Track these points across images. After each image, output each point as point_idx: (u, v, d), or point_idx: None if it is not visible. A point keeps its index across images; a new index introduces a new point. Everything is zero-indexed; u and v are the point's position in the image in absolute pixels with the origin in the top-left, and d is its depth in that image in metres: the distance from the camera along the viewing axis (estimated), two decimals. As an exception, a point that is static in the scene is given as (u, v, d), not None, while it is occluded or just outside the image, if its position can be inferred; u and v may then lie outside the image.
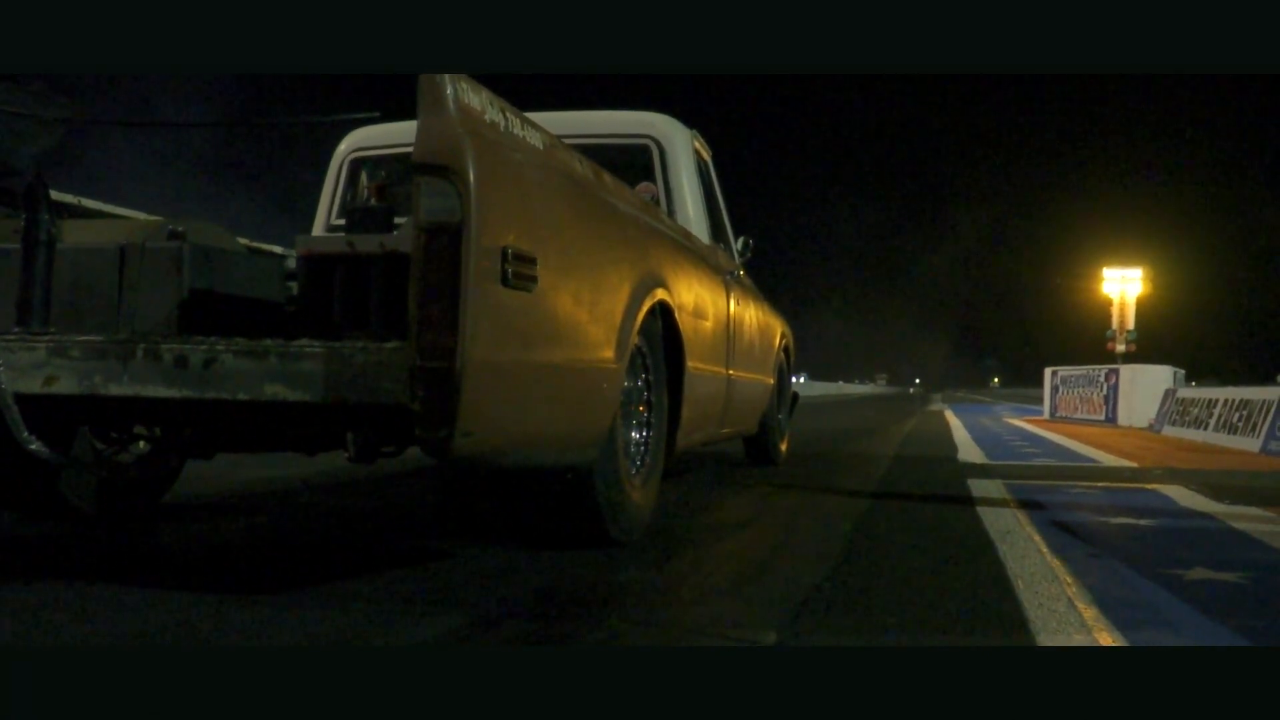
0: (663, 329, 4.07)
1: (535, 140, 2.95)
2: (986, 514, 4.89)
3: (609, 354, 3.30)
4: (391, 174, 5.26)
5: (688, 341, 4.32)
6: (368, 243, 3.25)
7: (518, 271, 2.60)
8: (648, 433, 4.08)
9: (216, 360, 2.65)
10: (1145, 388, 16.65)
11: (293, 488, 5.54)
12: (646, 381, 4.04)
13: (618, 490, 3.58)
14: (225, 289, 3.35)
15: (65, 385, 2.74)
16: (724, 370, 5.27)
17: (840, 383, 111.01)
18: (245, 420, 2.98)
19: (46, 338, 2.81)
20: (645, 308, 3.66)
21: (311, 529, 4.35)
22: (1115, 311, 36.03)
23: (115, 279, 3.24)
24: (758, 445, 7.42)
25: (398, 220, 4.11)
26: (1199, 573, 3.46)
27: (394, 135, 5.33)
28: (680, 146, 5.36)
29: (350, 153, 5.56)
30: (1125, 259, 37.88)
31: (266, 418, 2.95)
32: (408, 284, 2.47)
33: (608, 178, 3.62)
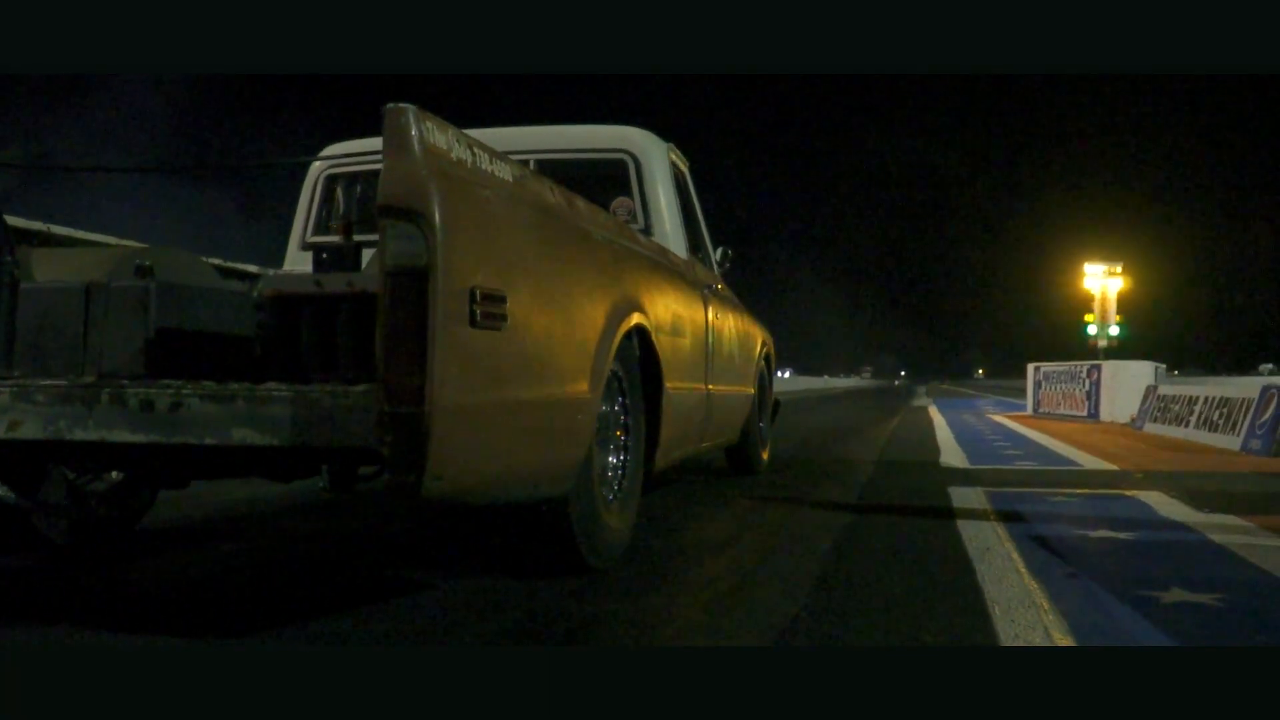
0: (640, 351, 4.07)
1: (504, 174, 2.91)
2: (966, 528, 4.89)
3: (583, 385, 3.28)
4: (366, 190, 5.34)
5: (665, 362, 4.32)
6: (335, 281, 3.19)
7: (487, 311, 2.57)
8: (624, 456, 4.07)
9: (183, 405, 2.61)
10: (1127, 384, 16.70)
11: (271, 509, 5.50)
12: (624, 405, 4.03)
13: (593, 519, 3.56)
14: (193, 326, 3.28)
15: (30, 430, 2.70)
16: (703, 386, 5.27)
17: (825, 377, 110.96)
18: (215, 460, 2.94)
19: (10, 382, 2.77)
20: (621, 333, 3.65)
21: (285, 560, 4.32)
22: (1097, 306, 36.20)
23: (81, 319, 3.18)
24: (739, 455, 7.40)
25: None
26: (1176, 594, 3.46)
27: (369, 149, 5.08)
28: (656, 160, 5.30)
29: (325, 169, 5.47)
30: (1107, 253, 38.04)
31: (235, 459, 2.92)
32: (375, 326, 2.45)
33: (581, 204, 3.59)
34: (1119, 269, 37.08)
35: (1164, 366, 18.52)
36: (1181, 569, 3.92)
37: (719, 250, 6.38)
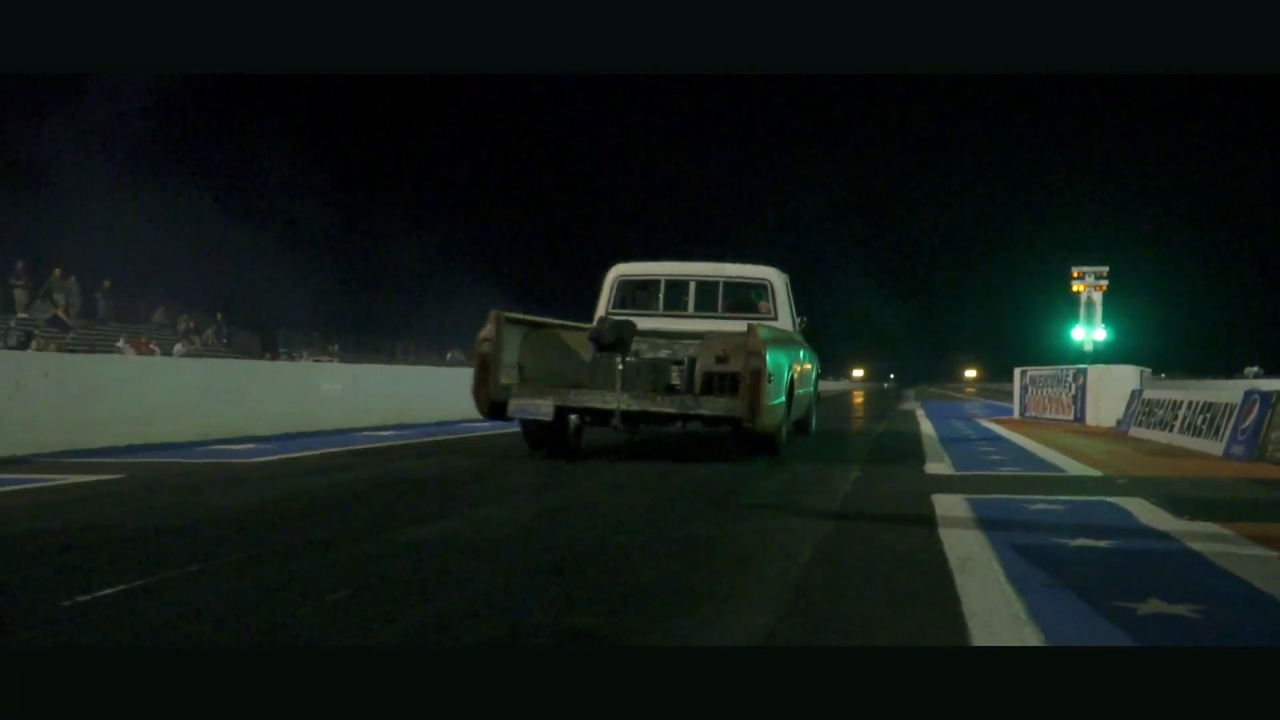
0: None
1: (786, 331, 10.28)
2: (948, 536, 4.91)
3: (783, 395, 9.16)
4: (638, 287, 11.18)
5: (795, 380, 9.89)
6: (726, 365, 9.10)
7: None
8: (789, 405, 9.58)
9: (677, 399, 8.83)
10: (1112, 388, 16.78)
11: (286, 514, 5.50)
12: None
13: (781, 435, 9.41)
14: (653, 371, 9.25)
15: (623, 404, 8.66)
16: (794, 390, 9.97)
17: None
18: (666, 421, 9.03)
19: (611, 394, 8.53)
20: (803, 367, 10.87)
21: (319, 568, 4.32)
22: (1083, 310, 36.39)
23: (618, 371, 8.85)
24: (803, 424, 12.15)
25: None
26: (1153, 605, 3.49)
27: (641, 270, 11.31)
28: (779, 283, 10.99)
29: (617, 277, 11.06)
30: (1095, 257, 38.25)
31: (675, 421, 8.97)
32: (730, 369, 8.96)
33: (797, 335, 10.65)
34: (1105, 272, 37.26)
35: (1149, 370, 18.60)
36: (1160, 579, 3.95)
37: (801, 319, 11.65)
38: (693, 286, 10.98)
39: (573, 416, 9.32)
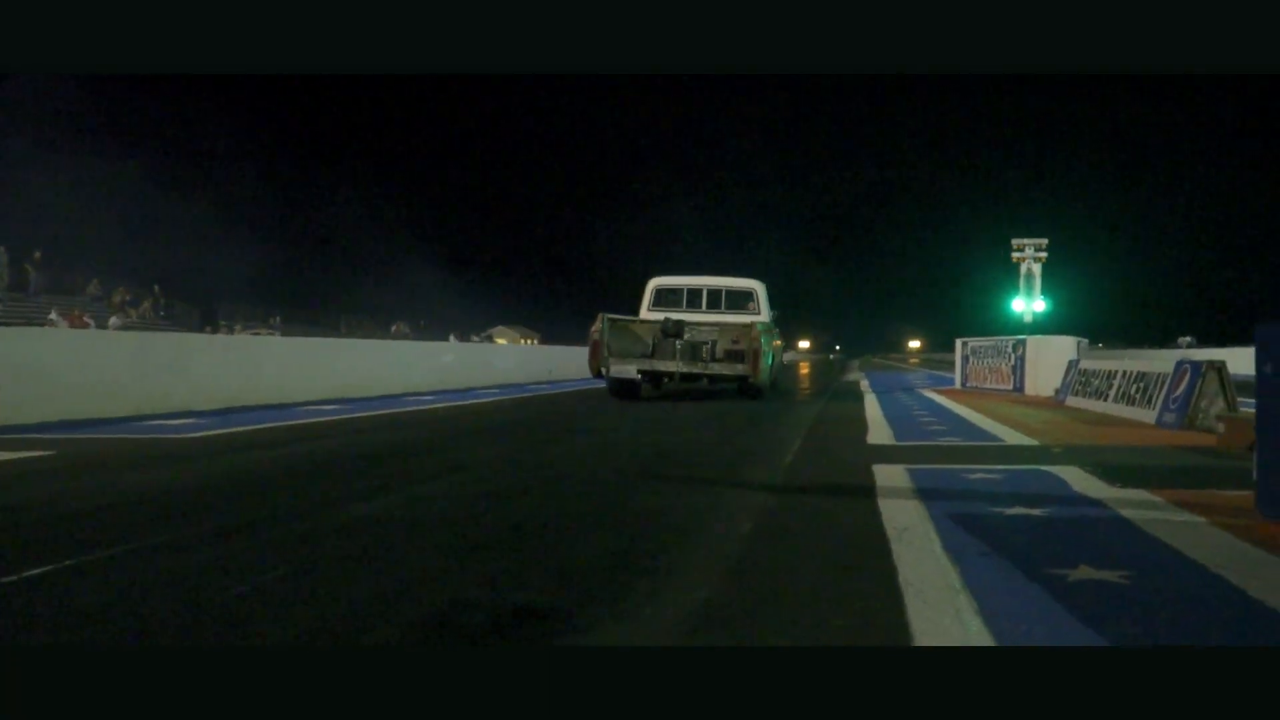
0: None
1: (771, 327, 16.38)
2: (887, 507, 4.97)
3: (769, 363, 15.60)
4: (669, 292, 16.69)
5: (774, 353, 16.36)
6: (738, 342, 15.26)
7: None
8: (771, 369, 15.94)
9: (708, 365, 15.17)
10: (1050, 358, 17.05)
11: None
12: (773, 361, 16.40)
13: (768, 384, 15.73)
14: (694, 348, 15.46)
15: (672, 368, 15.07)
16: (771, 357, 15.66)
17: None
18: (710, 379, 15.36)
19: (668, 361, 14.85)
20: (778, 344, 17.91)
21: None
22: (1023, 281, 36.93)
23: (675, 346, 15.20)
24: (773, 384, 16.64)
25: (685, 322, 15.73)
26: (1083, 572, 3.55)
27: (671, 282, 16.88)
28: (760, 290, 16.65)
29: (655, 286, 16.72)
30: (1036, 228, 38.81)
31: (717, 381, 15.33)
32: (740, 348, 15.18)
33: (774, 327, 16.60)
34: (1044, 244, 37.83)
35: (1086, 341, 18.90)
36: (1091, 546, 4.02)
37: (774, 313, 16.79)
38: (705, 292, 16.79)
39: (635, 376, 14.83)
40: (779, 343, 17.59)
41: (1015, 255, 37.57)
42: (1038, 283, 36.95)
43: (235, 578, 3.51)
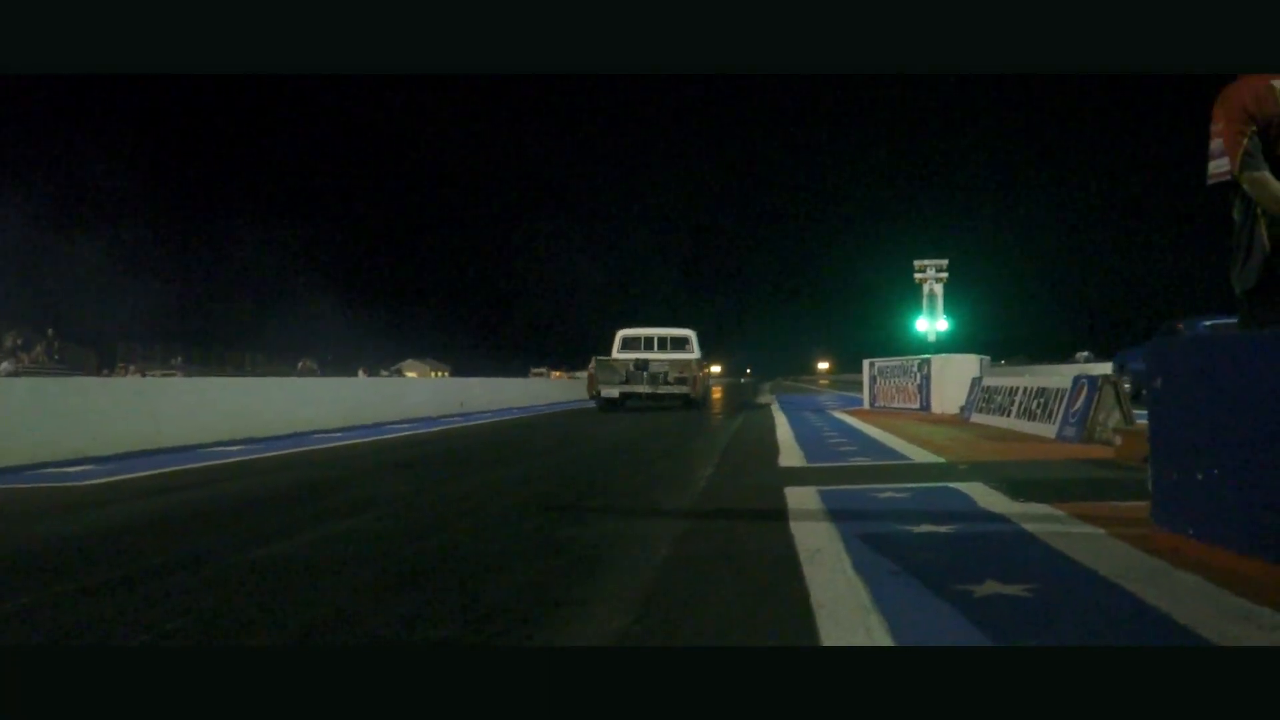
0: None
1: (701, 358, 25.36)
2: (799, 530, 5.03)
3: (704, 387, 25.04)
4: (631, 339, 24.59)
5: (705, 379, 26.23)
6: (681, 371, 22.79)
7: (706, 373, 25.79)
8: (703, 389, 24.84)
9: (662, 387, 22.92)
10: (954, 376, 17.47)
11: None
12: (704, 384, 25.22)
13: (701, 399, 23.80)
14: (654, 376, 22.97)
15: (647, 390, 22.88)
16: (702, 381, 23.94)
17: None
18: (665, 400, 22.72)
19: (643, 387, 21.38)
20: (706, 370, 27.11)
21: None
22: (925, 300, 37.84)
23: (647, 373, 22.82)
24: (704, 401, 24.60)
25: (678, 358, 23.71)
26: (990, 587, 3.64)
27: (633, 332, 24.76)
28: (693, 335, 24.59)
29: (621, 335, 24.48)
30: (938, 248, 39.84)
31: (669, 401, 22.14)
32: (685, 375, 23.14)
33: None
34: (945, 265, 38.84)
35: (988, 359, 19.41)
36: (996, 561, 4.13)
37: (703, 351, 25.06)
38: (656, 339, 24.48)
39: (617, 396, 22.30)
40: (706, 371, 26.23)
41: (918, 276, 38.51)
42: (940, 302, 37.92)
43: (141, 628, 3.41)
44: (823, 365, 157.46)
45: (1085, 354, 53.73)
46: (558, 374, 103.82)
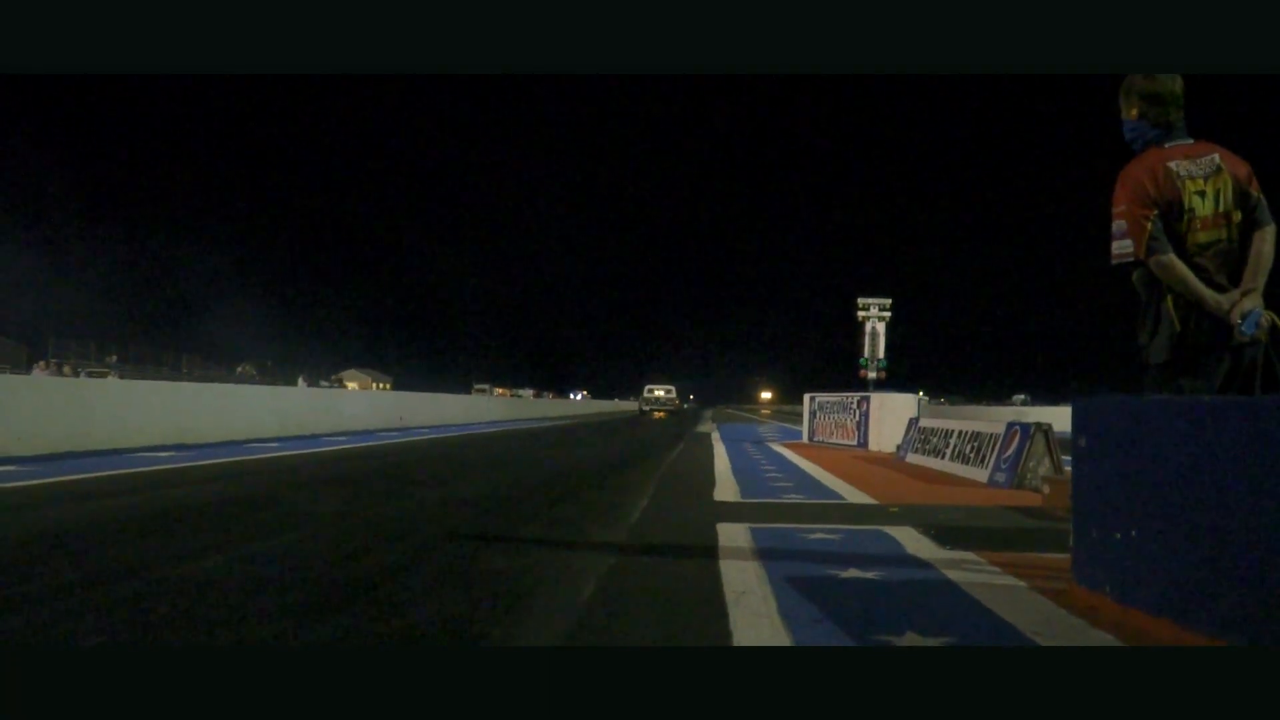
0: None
1: (677, 394, 75.96)
2: (728, 570, 5.05)
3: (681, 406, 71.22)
4: (653, 386, 72.92)
5: (677, 402, 76.55)
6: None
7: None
8: (680, 408, 76.77)
9: (665, 407, 72.97)
10: (892, 415, 17.66)
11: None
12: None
13: (678, 411, 72.98)
14: (664, 403, 73.67)
15: (660, 409, 69.77)
16: (679, 404, 73.90)
17: (616, 399, 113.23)
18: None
19: (655, 408, 63.15)
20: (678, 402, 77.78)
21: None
22: (867, 338, 38.33)
23: (659, 403, 72.95)
24: (679, 411, 70.17)
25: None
26: (910, 639, 3.68)
27: (653, 384, 72.82)
28: (674, 386, 74.80)
29: (648, 386, 72.00)
30: (881, 283, 40.45)
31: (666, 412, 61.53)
32: (674, 399, 76.08)
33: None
34: (888, 304, 39.39)
35: (926, 399, 19.69)
36: (919, 611, 4.17)
37: (675, 387, 77.97)
38: (660, 387, 70.29)
39: (648, 409, 64.98)
40: (678, 402, 64.08)
41: (860, 314, 39.02)
42: (881, 341, 38.44)
43: (51, 647, 3.33)
44: (765, 395, 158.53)
45: (1022, 397, 54.70)
46: (501, 391, 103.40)
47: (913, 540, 6.26)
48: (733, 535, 6.32)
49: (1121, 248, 4.14)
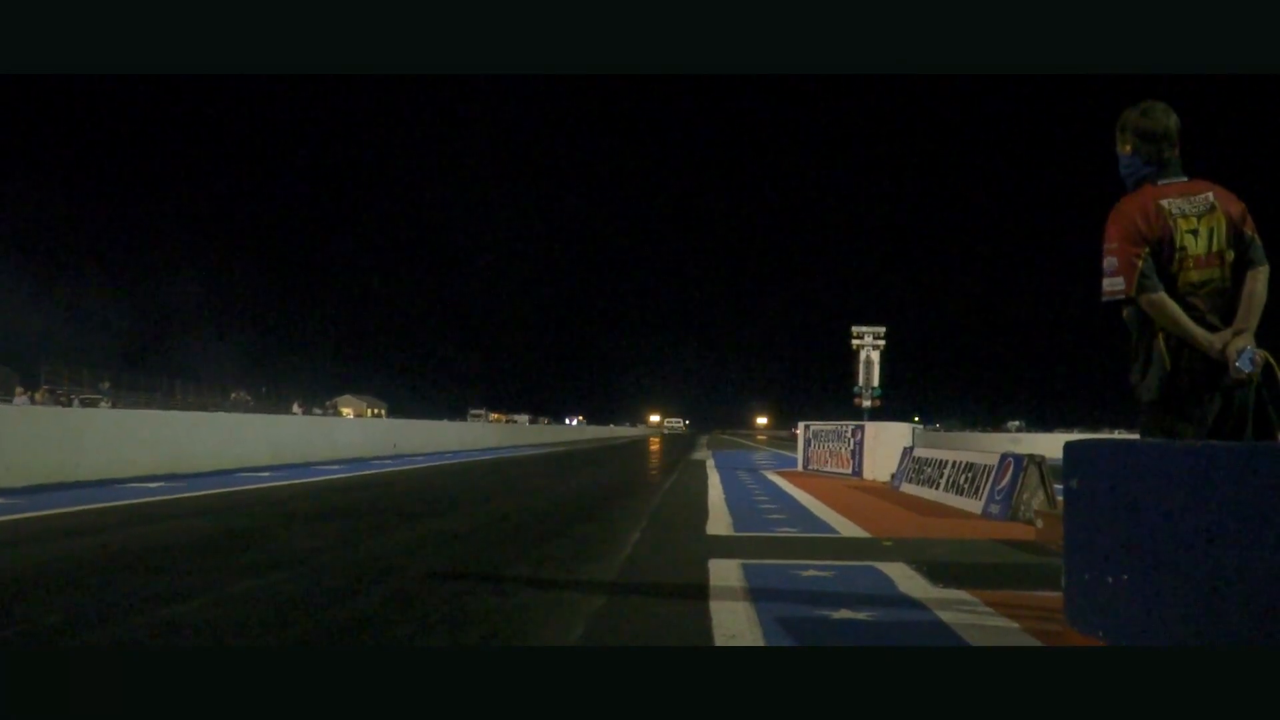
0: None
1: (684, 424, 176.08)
2: (719, 611, 4.99)
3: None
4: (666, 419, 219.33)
5: (683, 427, 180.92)
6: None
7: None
8: (687, 430, 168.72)
9: (677, 428, 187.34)
10: (887, 444, 17.63)
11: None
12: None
13: (685, 433, 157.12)
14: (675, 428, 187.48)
15: (678, 431, 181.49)
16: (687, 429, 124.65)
17: (611, 426, 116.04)
18: None
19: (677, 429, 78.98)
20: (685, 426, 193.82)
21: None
22: (862, 367, 38.31)
23: (677, 428, 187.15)
24: (685, 433, 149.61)
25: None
26: (899, 686, 3.63)
27: (671, 419, 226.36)
28: (683, 421, 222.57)
29: (664, 419, 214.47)
30: (877, 311, 40.52)
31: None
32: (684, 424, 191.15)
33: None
34: (882, 332, 39.39)
35: (921, 427, 19.67)
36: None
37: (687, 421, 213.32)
38: (675, 421, 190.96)
39: (667, 432, 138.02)
40: (683, 427, 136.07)
41: (855, 343, 39.00)
42: (876, 369, 38.41)
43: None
44: (761, 420, 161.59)
45: (1017, 423, 54.72)
46: (496, 416, 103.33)
47: (905, 578, 6.20)
48: (725, 573, 6.26)
49: (1112, 285, 4.11)
